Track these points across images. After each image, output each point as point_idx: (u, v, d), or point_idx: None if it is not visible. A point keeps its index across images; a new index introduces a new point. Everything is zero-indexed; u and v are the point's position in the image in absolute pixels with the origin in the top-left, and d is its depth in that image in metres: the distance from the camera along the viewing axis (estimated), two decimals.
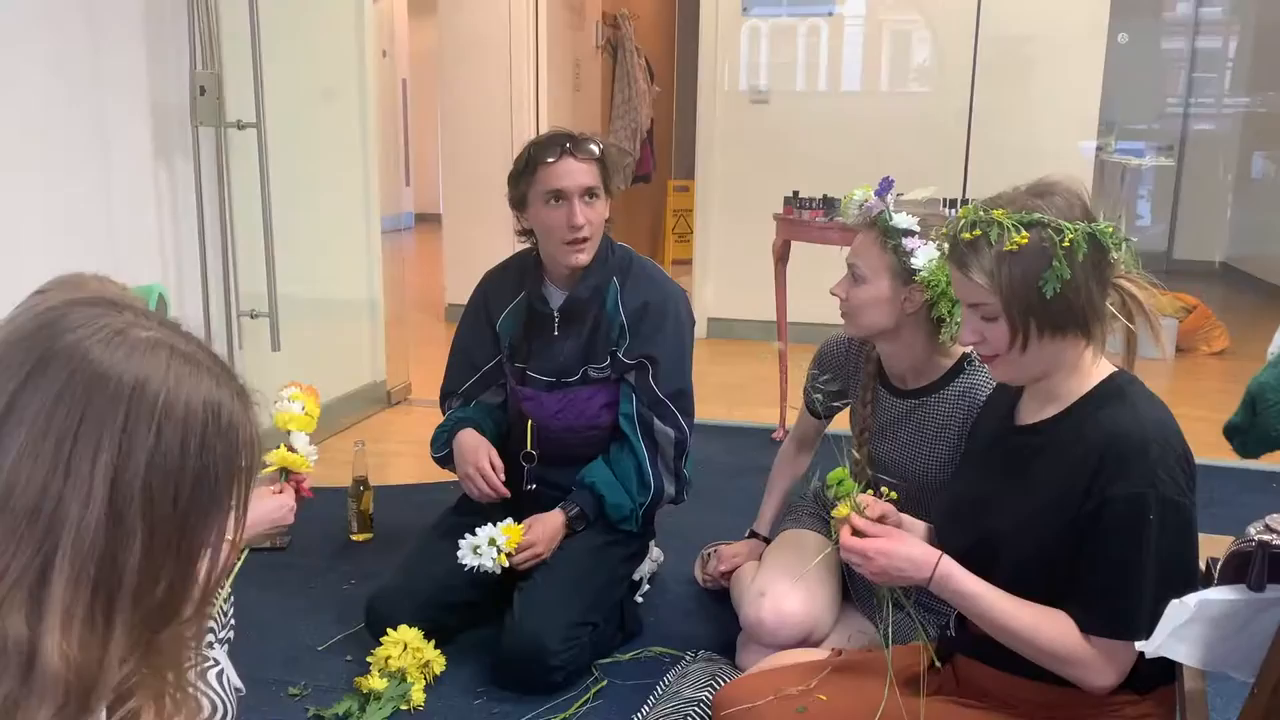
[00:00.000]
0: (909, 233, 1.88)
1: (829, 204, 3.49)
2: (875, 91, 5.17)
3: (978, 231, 1.44)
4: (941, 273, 1.83)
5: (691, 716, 1.86)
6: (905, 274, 1.88)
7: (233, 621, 1.91)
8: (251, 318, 3.22)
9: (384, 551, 2.69)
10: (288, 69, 3.37)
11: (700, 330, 5.54)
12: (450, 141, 5.78)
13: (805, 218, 3.50)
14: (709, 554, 2.52)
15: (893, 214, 1.90)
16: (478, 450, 2.22)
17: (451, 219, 5.86)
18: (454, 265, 5.75)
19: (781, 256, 3.68)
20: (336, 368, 3.91)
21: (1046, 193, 1.46)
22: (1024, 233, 1.41)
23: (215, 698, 1.61)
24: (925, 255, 1.86)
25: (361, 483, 2.83)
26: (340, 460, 2.97)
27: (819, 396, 2.28)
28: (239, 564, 1.78)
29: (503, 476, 2.21)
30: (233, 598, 1.88)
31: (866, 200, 1.94)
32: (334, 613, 2.41)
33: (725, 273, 5.42)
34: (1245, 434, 1.09)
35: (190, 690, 0.95)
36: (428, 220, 8.71)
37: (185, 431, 0.78)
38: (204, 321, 3.08)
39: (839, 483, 1.57)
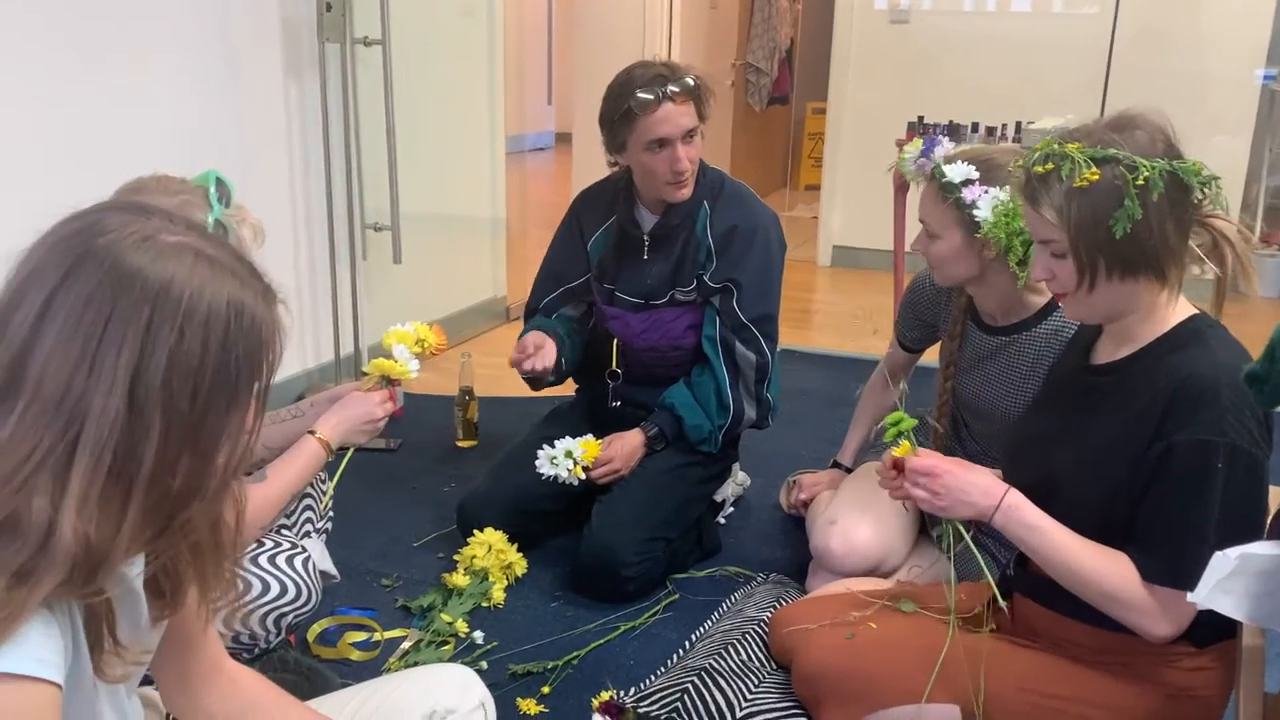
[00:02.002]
0: (968, 183, 1.81)
1: (954, 131, 3.37)
2: (1019, 12, 4.90)
3: (1050, 165, 1.39)
4: (1002, 226, 1.76)
5: (750, 634, 1.91)
6: (974, 224, 1.83)
7: (331, 514, 2.05)
8: (375, 230, 3.36)
9: (486, 458, 2.80)
10: None
11: (825, 258, 5.50)
12: (585, 60, 5.79)
13: None
14: (793, 482, 2.54)
15: (945, 168, 1.83)
16: (530, 334, 2.28)
17: (582, 138, 5.90)
18: (582, 184, 5.80)
19: (901, 185, 3.58)
20: (457, 282, 4.05)
21: (1127, 126, 1.39)
22: (1095, 169, 1.35)
23: (300, 582, 1.74)
24: (988, 203, 1.79)
25: (467, 392, 2.95)
26: (453, 370, 3.10)
27: (907, 331, 2.26)
28: (344, 463, 1.92)
29: (548, 360, 2.23)
30: (333, 493, 2.02)
31: (917, 157, 1.88)
32: (432, 512, 2.55)
33: (853, 200, 5.31)
34: (1264, 383, 1.04)
35: (234, 573, 1.05)
36: (570, 140, 8.80)
37: (207, 331, 0.84)
38: (329, 233, 3.23)
39: (897, 422, 1.55)
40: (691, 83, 2.13)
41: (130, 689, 1.05)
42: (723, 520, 2.51)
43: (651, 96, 2.08)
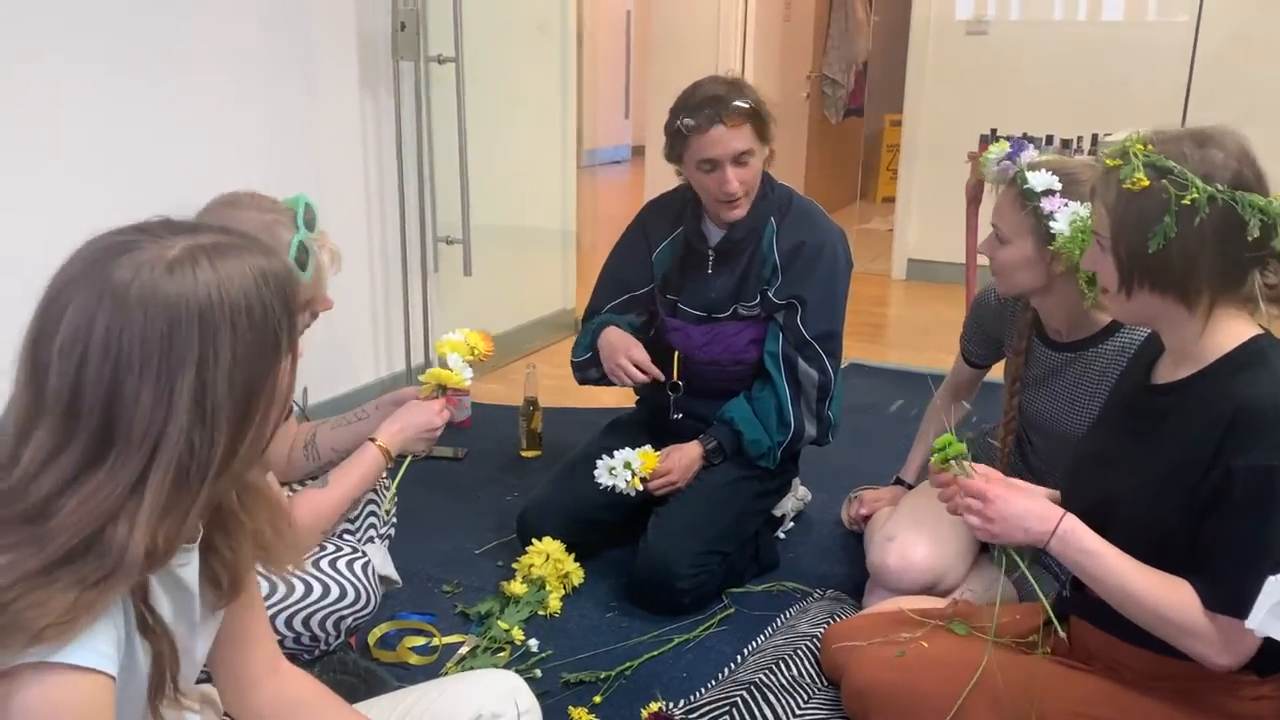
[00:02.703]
0: (1049, 193, 1.78)
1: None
2: (1100, 21, 4.79)
3: (1118, 161, 1.37)
4: (1076, 243, 1.73)
5: (802, 650, 1.90)
6: (1049, 235, 1.79)
7: (394, 520, 2.10)
8: (447, 244, 3.43)
9: (549, 468, 2.83)
10: (492, 1, 3.52)
11: (899, 271, 5.44)
12: (659, 74, 5.82)
13: None
14: (855, 497, 2.52)
15: (1028, 174, 1.80)
16: (626, 341, 2.27)
17: (655, 151, 5.92)
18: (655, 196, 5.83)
19: (974, 198, 3.54)
20: (527, 294, 4.10)
21: (1206, 143, 1.35)
22: (1144, 176, 1.32)
23: (359, 586, 1.79)
24: (1066, 217, 1.76)
25: (531, 403, 2.99)
26: (519, 381, 3.14)
27: (972, 346, 2.23)
28: (403, 470, 1.97)
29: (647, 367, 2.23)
30: (395, 499, 2.07)
31: (1003, 159, 1.85)
32: (494, 520, 2.59)
33: (928, 213, 5.24)
34: None
35: (291, 527, 1.12)
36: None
37: (249, 313, 0.90)
38: (401, 246, 3.30)
39: (946, 446, 1.53)
40: (747, 105, 2.12)
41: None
42: (782, 535, 2.50)
43: (701, 119, 2.09)
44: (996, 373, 2.24)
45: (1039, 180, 1.81)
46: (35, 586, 0.84)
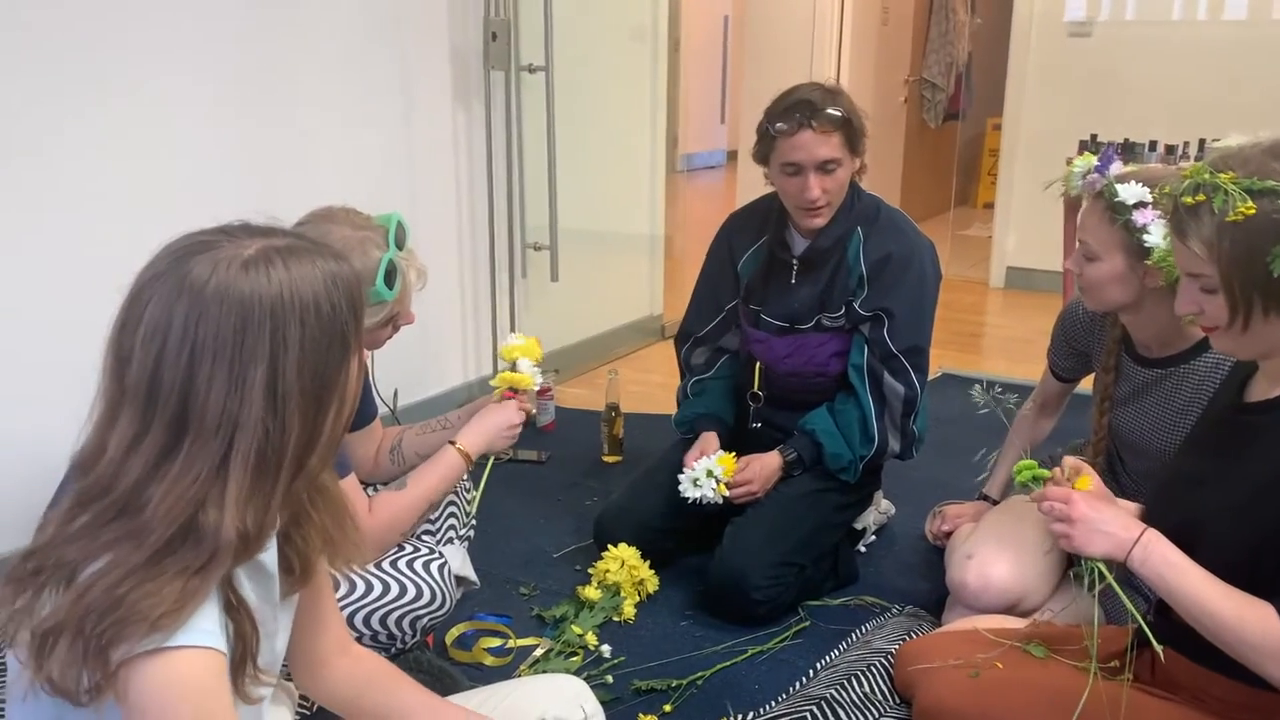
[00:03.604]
0: (1141, 205, 1.72)
1: (1128, 150, 3.20)
2: (1224, 20, 4.58)
3: (1201, 196, 1.32)
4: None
5: (875, 666, 1.87)
6: (1142, 250, 1.73)
7: (474, 522, 2.14)
8: (535, 250, 3.48)
9: (630, 473, 2.84)
10: (585, 9, 3.56)
11: (997, 279, 5.31)
12: (753, 79, 5.80)
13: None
14: (939, 511, 2.47)
15: (1118, 187, 1.74)
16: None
17: (748, 156, 5.89)
18: (746, 202, 5.81)
19: (1072, 205, 3.42)
20: (613, 299, 4.13)
21: None
22: (1250, 202, 1.27)
23: (434, 587, 1.83)
24: (1161, 229, 1.69)
25: (614, 408, 3.01)
26: (603, 386, 3.16)
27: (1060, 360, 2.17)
28: (487, 472, 2.01)
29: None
30: (478, 501, 2.10)
31: (1088, 172, 1.79)
32: (573, 524, 2.61)
33: (1028, 220, 5.10)
34: None
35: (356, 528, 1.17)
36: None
37: (318, 312, 0.95)
38: (490, 252, 3.36)
39: (1025, 469, 1.49)
40: (838, 114, 2.09)
41: None
42: (863, 549, 2.47)
43: (790, 122, 2.08)
44: (1087, 385, 2.18)
45: (1130, 193, 1.75)
46: (145, 579, 0.90)
